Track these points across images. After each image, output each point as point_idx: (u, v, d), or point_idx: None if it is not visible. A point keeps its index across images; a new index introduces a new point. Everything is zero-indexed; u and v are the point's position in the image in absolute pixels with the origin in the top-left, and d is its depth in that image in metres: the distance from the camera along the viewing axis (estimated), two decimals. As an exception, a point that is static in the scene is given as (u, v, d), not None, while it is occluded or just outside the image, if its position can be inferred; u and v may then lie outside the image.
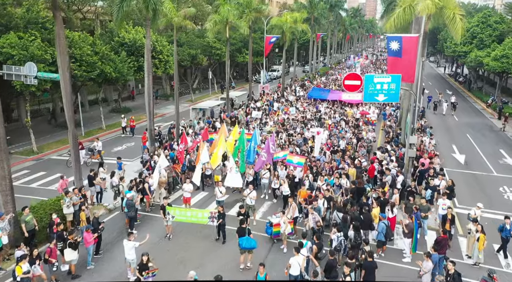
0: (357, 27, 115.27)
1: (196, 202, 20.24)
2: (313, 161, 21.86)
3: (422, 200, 16.98)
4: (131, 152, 28.79)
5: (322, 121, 31.44)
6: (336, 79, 58.61)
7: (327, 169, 20.67)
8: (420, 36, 18.53)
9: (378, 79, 18.11)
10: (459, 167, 26.63)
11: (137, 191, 18.55)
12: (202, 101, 50.38)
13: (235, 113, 34.62)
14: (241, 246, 14.21)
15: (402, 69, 21.30)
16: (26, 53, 25.50)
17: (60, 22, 16.64)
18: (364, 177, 20.39)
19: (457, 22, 16.33)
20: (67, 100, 17.42)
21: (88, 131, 34.00)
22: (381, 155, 22.93)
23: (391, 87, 18.06)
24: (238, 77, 70.82)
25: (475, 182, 24.06)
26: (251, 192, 17.68)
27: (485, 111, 45.64)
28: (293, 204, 16.49)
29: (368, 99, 18.75)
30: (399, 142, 26.36)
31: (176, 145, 25.34)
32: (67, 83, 17.26)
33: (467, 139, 33.29)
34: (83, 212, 15.99)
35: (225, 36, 33.63)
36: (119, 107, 42.61)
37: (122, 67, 33.59)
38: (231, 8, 31.45)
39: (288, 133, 27.49)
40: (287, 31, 47.35)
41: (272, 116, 32.65)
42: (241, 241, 14.19)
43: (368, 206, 16.64)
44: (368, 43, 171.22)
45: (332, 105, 37.87)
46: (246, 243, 14.16)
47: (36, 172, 24.92)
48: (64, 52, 16.90)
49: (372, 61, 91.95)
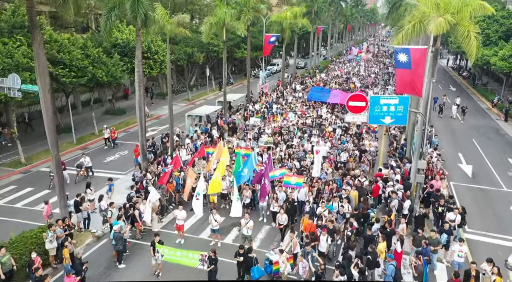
0: (358, 17, 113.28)
1: (189, 227, 19.05)
2: (314, 181, 20.61)
3: (431, 233, 15.79)
4: (124, 162, 27.55)
5: (322, 128, 30.15)
6: (337, 76, 57.10)
7: (327, 191, 19.43)
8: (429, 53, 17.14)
9: (384, 101, 16.83)
10: (466, 180, 25.42)
11: (127, 217, 17.43)
12: (200, 100, 49.14)
13: (232, 118, 33.29)
14: (253, 277, 14.01)
15: (411, 81, 20.11)
16: (10, 61, 24.11)
17: (38, 41, 15.26)
18: (369, 199, 19.19)
19: (471, 40, 14.96)
20: (49, 126, 16.11)
21: (80, 137, 32.70)
22: (386, 173, 21.71)
23: (398, 109, 16.79)
24: (236, 72, 69.24)
25: (484, 199, 22.83)
26: (248, 221, 16.54)
27: (490, 111, 44.23)
28: (294, 240, 15.34)
29: (373, 122, 17.49)
30: (404, 155, 25.10)
31: (170, 159, 24.13)
32: (49, 106, 15.93)
33: (473, 146, 32.00)
34: (66, 248, 14.84)
35: (222, 38, 32.08)
36: (113, 108, 41.26)
37: (115, 71, 32.15)
38: (227, 10, 29.83)
39: (287, 145, 26.20)
40: (286, 28, 45.80)
41: (269, 124, 31.23)
42: (253, 273, 14.12)
43: (373, 240, 15.52)
44: (369, 31, 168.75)
45: (332, 109, 36.49)
46: (257, 272, 14.15)
47: (22, 188, 23.72)
48: (44, 73, 15.56)
49: (374, 53, 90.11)
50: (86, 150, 30.60)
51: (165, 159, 24.20)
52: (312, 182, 20.76)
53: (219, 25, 30.59)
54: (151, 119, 39.70)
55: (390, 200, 18.54)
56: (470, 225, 19.27)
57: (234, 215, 17.88)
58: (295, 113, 34.04)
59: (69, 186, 22.76)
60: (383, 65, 70.77)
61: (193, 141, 28.68)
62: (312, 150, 25.10)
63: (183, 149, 25.30)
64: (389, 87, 47.87)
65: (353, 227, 16.42)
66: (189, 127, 30.91)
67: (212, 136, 29.09)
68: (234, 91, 54.36)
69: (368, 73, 58.32)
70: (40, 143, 30.95)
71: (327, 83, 50.19)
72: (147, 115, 39.44)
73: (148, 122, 38.32)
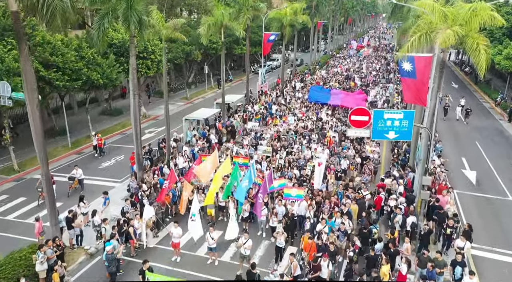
0: (359, 10, 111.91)
1: (185, 243, 18.36)
2: (316, 194, 19.92)
3: (437, 254, 15.16)
4: (120, 168, 26.85)
5: (323, 132, 29.44)
6: (337, 73, 56.20)
7: (328, 206, 18.77)
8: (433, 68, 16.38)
9: (388, 115, 16.15)
10: (471, 188, 24.76)
11: (121, 234, 16.82)
12: (198, 98, 48.32)
13: (231, 121, 32.55)
14: None
15: (416, 91, 19.49)
16: (1, 66, 23.32)
17: (25, 55, 14.52)
18: (372, 214, 18.53)
19: (481, 53, 14.19)
20: (38, 142, 15.39)
21: (75, 141, 31.95)
22: (389, 183, 21.06)
23: (403, 124, 16.12)
24: (236, 67, 68.23)
25: (489, 210, 22.19)
26: (247, 241, 15.92)
27: (493, 110, 43.45)
28: (294, 262, 14.74)
29: (377, 137, 16.82)
30: (407, 162, 24.43)
31: (166, 168, 23.48)
32: (37, 122, 15.19)
33: (476, 150, 31.30)
34: (56, 272, 14.24)
35: (220, 39, 31.20)
36: (109, 108, 40.45)
37: (111, 73, 31.24)
38: (225, 11, 28.90)
39: (287, 152, 25.51)
40: (286, 25, 44.87)
41: (268, 129, 30.41)
42: None
43: (377, 261, 14.94)
44: (370, 23, 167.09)
45: (333, 111, 35.73)
46: None
47: (15, 198, 23.04)
48: (32, 88, 14.82)
49: (374, 48, 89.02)
50: (81, 155, 30.00)
51: (161, 167, 23.54)
52: (313, 193, 20.10)
53: (217, 26, 29.69)
54: (148, 120, 38.94)
55: (394, 215, 17.91)
56: (476, 239, 18.49)
57: (229, 238, 17.33)
58: (295, 115, 33.25)
59: (62, 198, 22.07)
60: (384, 60, 69.76)
61: (190, 145, 28.06)
62: (312, 156, 24.51)
63: (180, 156, 24.62)
64: (390, 85, 47.04)
65: (356, 247, 15.83)
66: (186, 131, 30.16)
67: (210, 141, 28.38)
68: (233, 89, 53.59)
69: (370, 70, 57.34)
70: (32, 148, 29.99)
71: (327, 81, 49.34)
72: (144, 116, 38.77)
73: (145, 123, 37.70)
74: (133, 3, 18.33)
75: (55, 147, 30.46)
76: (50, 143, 31.46)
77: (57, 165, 27.84)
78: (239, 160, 23.09)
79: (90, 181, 24.75)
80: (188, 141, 29.92)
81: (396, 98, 41.71)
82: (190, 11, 62.42)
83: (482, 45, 14.41)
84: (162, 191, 19.50)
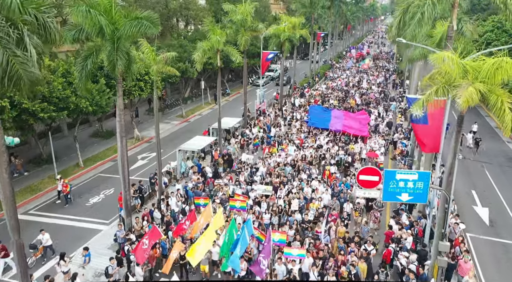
0: (359, 16, 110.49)
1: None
2: (319, 249, 18.25)
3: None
4: (109, 206, 25.10)
5: (324, 164, 27.77)
6: (336, 87, 54.55)
7: (332, 264, 17.13)
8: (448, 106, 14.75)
9: (401, 176, 14.52)
10: (484, 229, 23.08)
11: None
12: (194, 116, 46.64)
13: (227, 149, 30.88)
14: None
15: (429, 137, 18.00)
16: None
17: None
18: (380, 274, 16.91)
19: (506, 112, 12.63)
20: (9, 211, 13.73)
21: (63, 170, 30.10)
22: (397, 230, 19.45)
23: (417, 186, 14.50)
24: (233, 79, 66.48)
25: (507, 259, 20.47)
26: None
27: (499, 130, 41.70)
28: None
29: (388, 199, 15.19)
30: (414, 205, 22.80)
31: (157, 212, 21.86)
32: (7, 188, 13.53)
33: (486, 180, 29.66)
34: None
35: (217, 65, 29.48)
36: (101, 130, 38.74)
37: (101, 99, 29.48)
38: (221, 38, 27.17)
39: (288, 191, 23.80)
40: (284, 41, 43.29)
41: (265, 160, 28.67)
42: None
43: None
44: (369, 26, 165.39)
45: (334, 136, 33.98)
46: None
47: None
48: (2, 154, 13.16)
49: (375, 56, 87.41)
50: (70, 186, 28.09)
51: (151, 211, 21.91)
52: (316, 247, 18.42)
53: (213, 51, 28.02)
54: (141, 143, 37.21)
55: (407, 279, 16.26)
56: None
57: None
58: (294, 144, 31.42)
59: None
60: (385, 71, 68.01)
61: (185, 177, 26.49)
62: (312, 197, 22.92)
63: (173, 197, 22.98)
64: (392, 103, 45.34)
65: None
66: (180, 163, 28.48)
67: (205, 175, 26.75)
68: (231, 103, 52.11)
69: (370, 85, 55.52)
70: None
71: (326, 98, 47.57)
72: (137, 139, 37.13)
73: (137, 147, 36.08)
74: (119, 44, 16.67)
75: (41, 180, 28.72)
76: (36, 173, 29.84)
77: (43, 200, 26.17)
78: (236, 204, 21.38)
79: (75, 223, 23.14)
80: (182, 172, 28.31)
81: (399, 119, 40.12)
82: (186, 22, 60.75)
83: (507, 103, 12.81)
84: (149, 255, 17.75)
